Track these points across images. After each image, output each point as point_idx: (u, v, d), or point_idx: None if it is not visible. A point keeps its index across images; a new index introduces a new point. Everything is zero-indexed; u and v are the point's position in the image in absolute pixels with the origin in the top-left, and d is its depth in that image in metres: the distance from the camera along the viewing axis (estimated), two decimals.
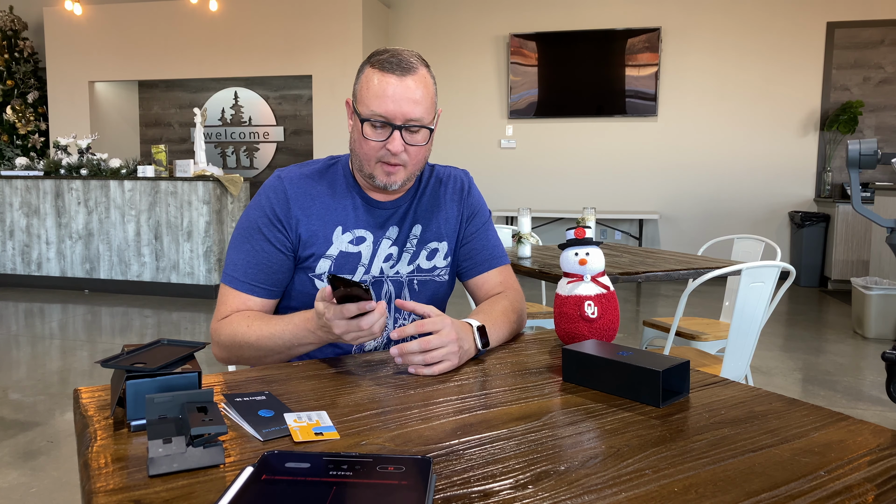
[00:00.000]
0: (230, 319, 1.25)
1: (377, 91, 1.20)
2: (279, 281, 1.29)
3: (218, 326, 1.26)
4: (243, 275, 1.27)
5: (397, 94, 1.19)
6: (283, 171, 1.32)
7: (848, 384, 3.47)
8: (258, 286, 1.27)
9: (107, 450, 0.76)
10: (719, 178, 6.69)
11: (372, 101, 1.20)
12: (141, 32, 7.30)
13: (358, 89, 1.24)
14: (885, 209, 4.98)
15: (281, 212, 1.27)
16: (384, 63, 1.20)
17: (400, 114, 1.19)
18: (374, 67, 1.22)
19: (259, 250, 1.27)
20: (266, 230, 1.27)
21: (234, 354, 1.25)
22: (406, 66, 1.20)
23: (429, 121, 1.23)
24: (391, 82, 1.19)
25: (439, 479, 0.70)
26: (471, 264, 1.41)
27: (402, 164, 1.24)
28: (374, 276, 1.32)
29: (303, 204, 1.28)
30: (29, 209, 5.91)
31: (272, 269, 1.28)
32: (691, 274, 2.43)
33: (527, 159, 7.12)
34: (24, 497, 2.22)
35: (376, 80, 1.20)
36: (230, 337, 1.23)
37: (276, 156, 8.53)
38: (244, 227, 1.30)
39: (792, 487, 0.69)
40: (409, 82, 1.20)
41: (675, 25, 6.63)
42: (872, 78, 6.32)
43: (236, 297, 1.27)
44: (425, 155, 1.28)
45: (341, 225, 1.30)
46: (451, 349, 1.07)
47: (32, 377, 3.48)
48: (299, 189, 1.29)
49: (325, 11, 6.77)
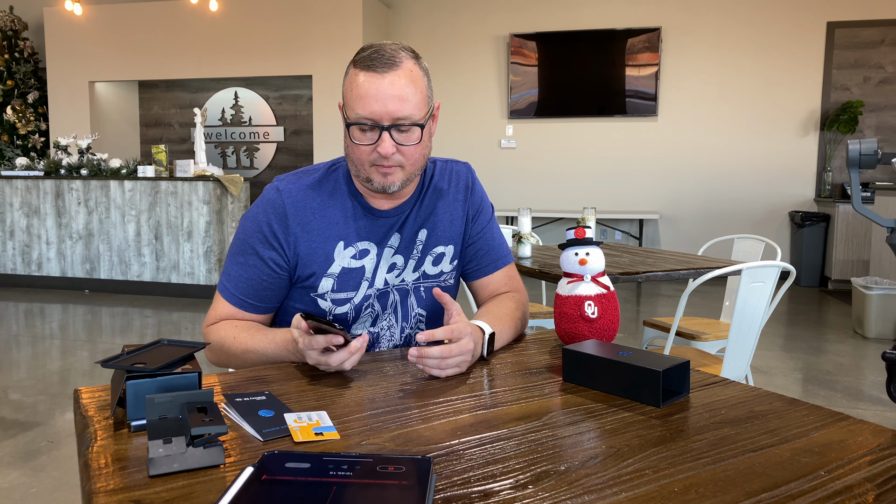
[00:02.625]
0: (218, 327, 1.25)
1: (360, 92, 1.13)
2: (270, 298, 1.27)
3: (207, 331, 1.26)
4: (235, 288, 1.26)
5: (381, 93, 1.12)
6: (281, 183, 1.26)
7: (848, 384, 3.47)
8: (248, 302, 1.26)
9: (107, 450, 0.76)
10: (719, 177, 6.69)
11: (356, 104, 1.14)
12: (141, 32, 7.30)
13: (344, 91, 1.18)
14: (886, 209, 4.97)
15: (279, 229, 1.23)
16: (366, 61, 1.14)
17: (386, 114, 1.13)
18: (357, 67, 1.15)
19: (252, 266, 1.24)
20: (260, 248, 1.24)
21: (222, 361, 1.25)
22: (389, 61, 1.13)
23: (420, 117, 1.16)
24: (374, 81, 1.12)
25: (439, 479, 0.70)
26: (477, 265, 1.38)
27: (397, 164, 1.17)
28: (379, 288, 1.29)
29: (302, 219, 1.23)
30: (29, 209, 5.91)
31: (263, 287, 1.25)
32: (691, 274, 2.43)
33: (527, 159, 7.12)
34: (25, 497, 2.22)
35: (359, 80, 1.14)
36: (217, 344, 1.23)
37: (277, 156, 8.53)
38: (240, 238, 1.27)
39: (792, 487, 0.69)
40: (393, 78, 1.12)
41: (675, 25, 6.63)
42: (873, 78, 6.32)
43: (227, 307, 1.27)
44: (423, 153, 1.21)
45: (343, 240, 1.25)
46: (466, 358, 1.07)
47: (33, 377, 3.48)
48: (299, 203, 1.23)
49: (325, 11, 6.77)
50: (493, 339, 1.16)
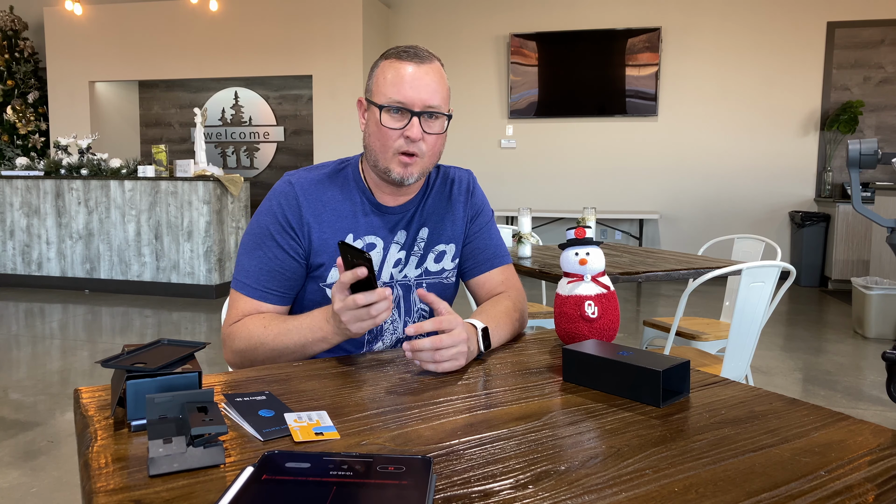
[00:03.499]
0: (244, 323, 1.24)
1: (395, 79, 1.20)
2: (291, 286, 1.29)
3: (231, 331, 1.25)
4: (255, 281, 1.26)
5: (416, 80, 1.20)
6: (293, 176, 1.29)
7: (848, 384, 3.47)
8: (271, 292, 1.26)
9: (107, 450, 0.76)
10: (719, 177, 6.69)
11: (389, 89, 1.20)
12: (141, 32, 7.30)
13: (373, 82, 1.24)
14: (886, 209, 4.97)
15: (293, 218, 1.26)
16: (401, 53, 1.22)
17: (419, 100, 1.20)
18: (389, 59, 1.23)
19: (272, 257, 1.26)
20: (278, 237, 1.26)
21: (249, 357, 1.23)
22: (423, 55, 1.22)
23: (445, 110, 1.24)
24: (409, 69, 1.20)
25: (439, 478, 0.70)
26: (473, 263, 1.41)
27: (419, 154, 1.22)
28: (385, 282, 1.32)
29: (314, 210, 1.27)
30: (29, 209, 5.91)
31: (285, 276, 1.27)
32: (691, 274, 2.43)
33: (527, 159, 7.12)
34: (25, 497, 2.22)
35: (394, 68, 1.21)
36: (246, 339, 1.22)
37: (277, 156, 8.53)
38: (255, 232, 1.28)
39: (792, 487, 0.69)
40: (427, 69, 1.21)
41: (676, 25, 6.63)
42: (873, 78, 6.32)
43: (248, 303, 1.26)
44: (440, 149, 1.27)
45: (352, 232, 1.29)
46: (461, 349, 1.07)
47: (33, 377, 3.48)
48: (311, 195, 1.27)
49: (325, 11, 6.77)
50: (486, 333, 1.17)
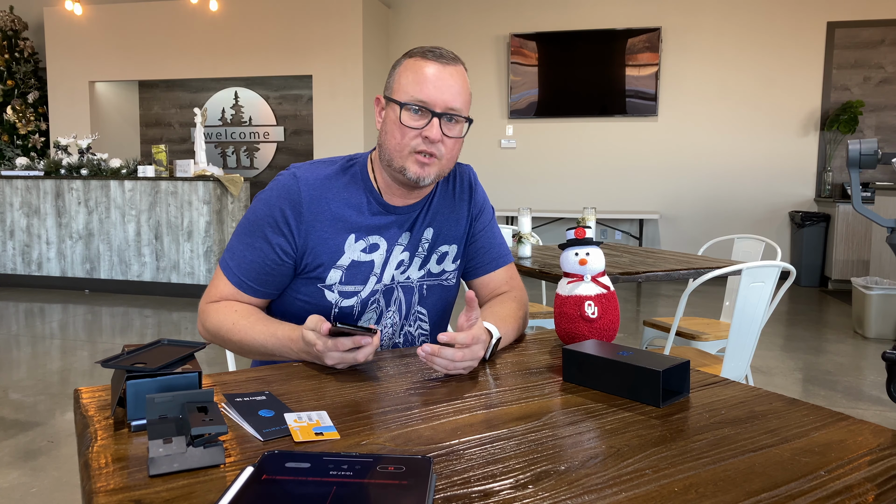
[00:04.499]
0: (218, 308, 1.24)
1: (418, 77, 1.17)
2: (272, 284, 1.26)
3: (206, 309, 1.26)
4: (237, 268, 1.25)
5: (439, 81, 1.17)
6: (299, 170, 1.25)
7: (848, 384, 3.47)
8: (249, 285, 1.25)
9: (107, 450, 0.76)
10: (719, 177, 6.69)
11: (411, 87, 1.17)
12: (141, 32, 7.30)
13: (394, 81, 1.21)
14: (886, 209, 4.97)
15: (291, 216, 1.22)
16: (426, 52, 1.19)
17: (441, 101, 1.17)
18: (414, 57, 1.20)
19: (258, 249, 1.24)
20: (269, 233, 1.23)
21: (217, 340, 1.25)
22: (448, 57, 1.20)
23: (466, 114, 1.22)
24: (433, 69, 1.18)
25: (439, 478, 0.70)
26: (477, 264, 1.39)
27: (437, 155, 1.19)
28: (386, 283, 1.29)
29: (317, 208, 1.23)
30: (29, 209, 5.91)
31: (266, 272, 1.24)
32: (691, 274, 2.43)
33: (527, 159, 7.12)
34: (25, 497, 2.22)
35: (417, 67, 1.18)
36: (215, 326, 1.23)
37: (277, 156, 8.53)
38: (251, 219, 1.26)
39: (792, 487, 0.69)
40: (452, 71, 1.19)
41: (676, 25, 6.63)
42: (873, 78, 6.32)
43: (228, 287, 1.26)
44: (457, 153, 1.24)
45: (354, 233, 1.25)
46: (473, 364, 1.08)
47: (33, 377, 3.48)
48: (315, 192, 1.23)
49: (325, 11, 6.77)
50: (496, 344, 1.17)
